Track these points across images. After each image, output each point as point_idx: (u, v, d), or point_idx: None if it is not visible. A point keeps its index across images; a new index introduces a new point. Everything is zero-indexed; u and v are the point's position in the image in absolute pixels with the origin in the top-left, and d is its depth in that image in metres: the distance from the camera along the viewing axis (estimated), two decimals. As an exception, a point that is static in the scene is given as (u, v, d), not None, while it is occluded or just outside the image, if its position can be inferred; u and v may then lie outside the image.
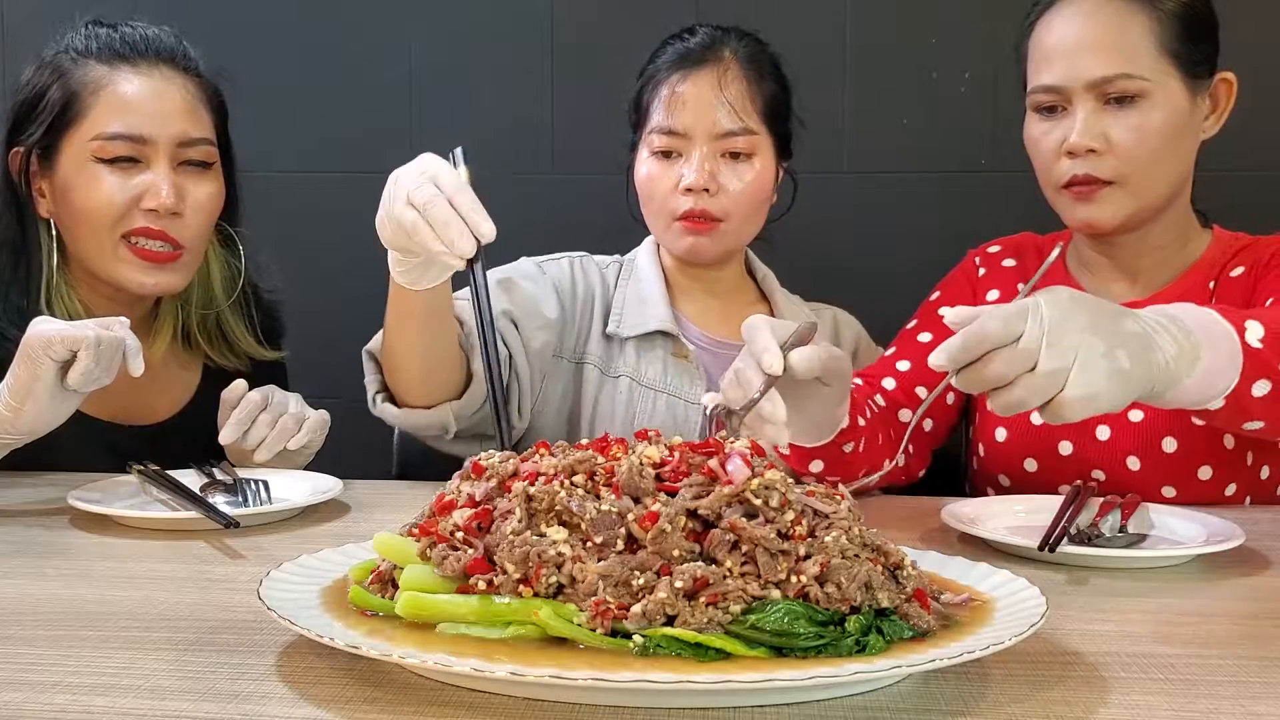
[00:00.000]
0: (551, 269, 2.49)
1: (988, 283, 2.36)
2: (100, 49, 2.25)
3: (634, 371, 2.42)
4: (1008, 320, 1.43)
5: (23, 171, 2.25)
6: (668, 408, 2.39)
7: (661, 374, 2.41)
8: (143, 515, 1.82)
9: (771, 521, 1.18)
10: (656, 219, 2.43)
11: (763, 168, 2.38)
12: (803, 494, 1.24)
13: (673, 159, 2.38)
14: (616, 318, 2.46)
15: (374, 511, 1.97)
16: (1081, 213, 2.13)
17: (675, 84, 2.36)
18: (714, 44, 2.39)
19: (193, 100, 2.27)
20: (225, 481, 2.01)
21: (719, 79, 2.35)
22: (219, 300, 2.40)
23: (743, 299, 2.55)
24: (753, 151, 2.37)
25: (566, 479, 1.24)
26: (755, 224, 2.45)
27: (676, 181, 2.36)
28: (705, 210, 2.35)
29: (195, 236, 2.27)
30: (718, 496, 1.19)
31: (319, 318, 2.82)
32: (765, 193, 2.41)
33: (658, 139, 2.38)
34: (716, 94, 2.34)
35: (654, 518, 1.17)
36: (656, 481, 1.23)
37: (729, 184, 2.36)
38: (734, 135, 2.35)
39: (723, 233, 2.39)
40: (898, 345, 2.31)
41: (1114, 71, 2.07)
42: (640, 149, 2.43)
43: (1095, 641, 1.30)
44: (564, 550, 1.16)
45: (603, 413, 2.42)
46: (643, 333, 2.43)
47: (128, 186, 2.19)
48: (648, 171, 2.40)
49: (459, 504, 1.27)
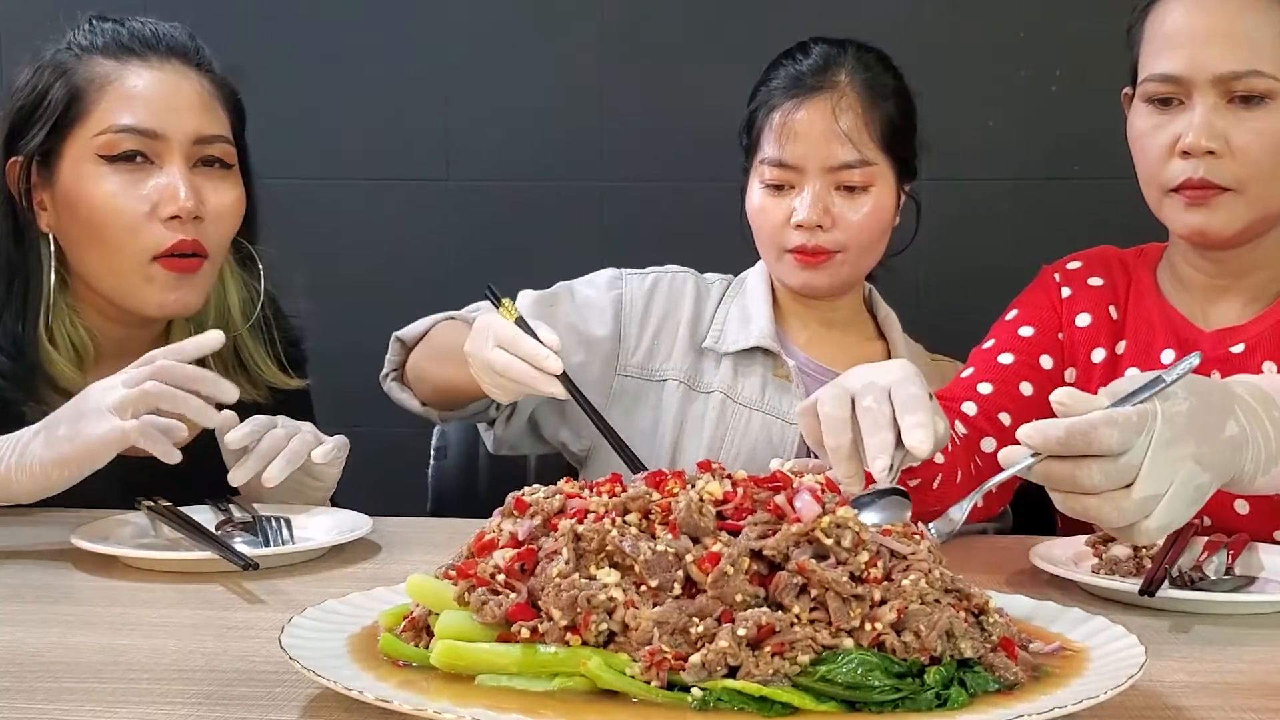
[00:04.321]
0: (632, 283, 2.56)
1: (1075, 305, 2.33)
2: (107, 44, 2.25)
3: (729, 388, 2.47)
4: (1124, 433, 1.41)
5: (22, 183, 2.24)
6: (762, 426, 2.44)
7: (759, 392, 2.47)
8: (153, 556, 1.83)
9: (844, 563, 1.18)
10: (768, 250, 2.48)
11: (881, 197, 2.42)
12: (878, 533, 1.24)
13: (784, 191, 2.41)
14: (717, 332, 2.52)
15: (406, 551, 1.97)
16: (1192, 219, 2.10)
17: (787, 112, 2.40)
18: (828, 66, 2.42)
19: (208, 97, 2.27)
20: (243, 519, 2.01)
21: (833, 107, 2.38)
22: (236, 324, 2.38)
23: (858, 334, 2.58)
24: (870, 183, 2.40)
25: (618, 516, 1.24)
26: (874, 254, 2.49)
27: (788, 215, 2.40)
28: (819, 246, 2.39)
29: (217, 247, 2.27)
30: (785, 536, 1.19)
31: (339, 340, 2.83)
32: (884, 223, 2.45)
33: (768, 171, 2.42)
34: (830, 124, 2.37)
35: (715, 559, 1.17)
36: (718, 519, 1.24)
37: (845, 216, 2.39)
38: (849, 168, 2.38)
39: (838, 264, 2.43)
40: (976, 366, 2.29)
41: (1244, 67, 2.03)
42: (751, 177, 2.47)
43: (1199, 695, 1.29)
44: (615, 594, 1.17)
45: (689, 429, 2.47)
46: (742, 348, 2.48)
47: (139, 193, 2.18)
48: (759, 203, 2.44)
49: (500, 543, 1.27)
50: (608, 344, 2.49)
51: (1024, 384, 2.23)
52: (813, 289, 2.45)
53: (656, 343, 2.53)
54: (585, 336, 2.46)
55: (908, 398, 1.61)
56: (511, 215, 3.20)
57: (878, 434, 1.58)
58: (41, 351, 2.22)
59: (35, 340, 2.20)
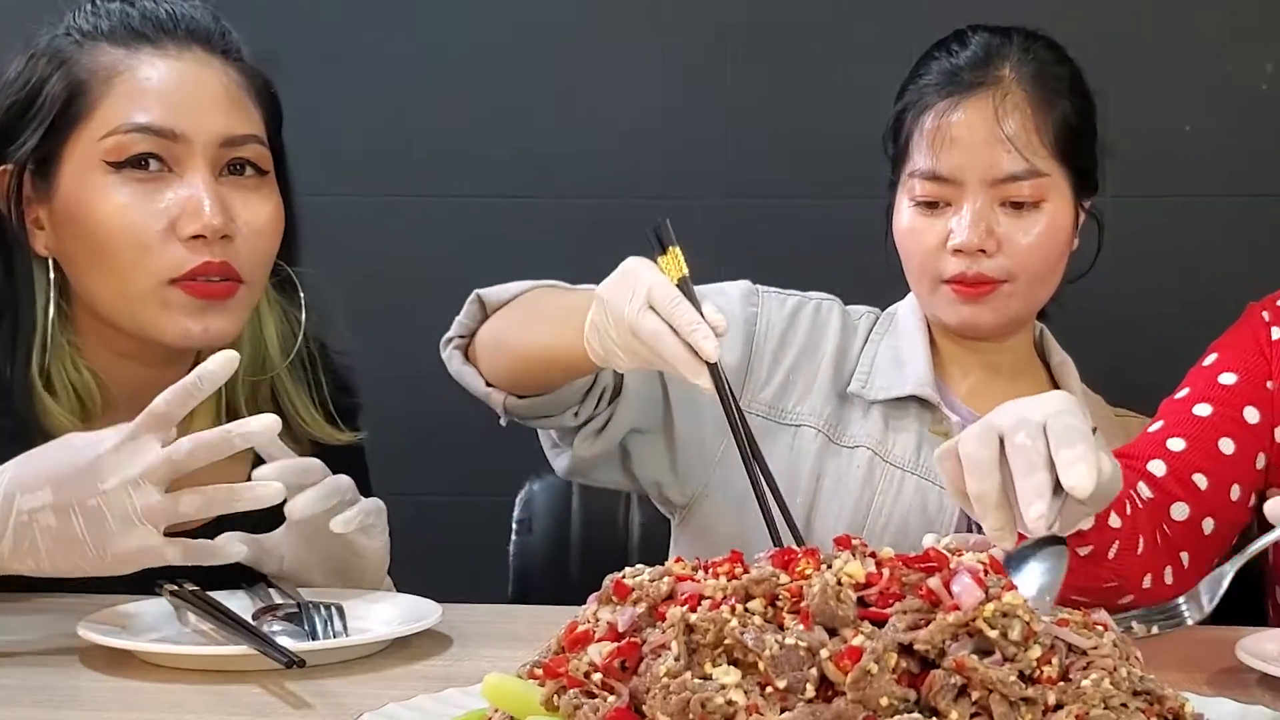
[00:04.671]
0: (770, 303, 2.57)
1: None
2: (114, 28, 2.25)
3: (877, 443, 2.48)
4: None
5: (12, 195, 2.25)
6: (916, 492, 2.45)
7: (913, 450, 2.47)
8: (177, 651, 1.86)
9: (1011, 660, 1.20)
10: (920, 281, 2.49)
11: (1056, 215, 2.43)
12: (1052, 623, 1.26)
13: (939, 209, 2.43)
14: (863, 376, 2.53)
15: (482, 645, 1.99)
16: None
17: (940, 114, 2.42)
18: (989, 59, 2.44)
19: (237, 91, 2.28)
20: (286, 606, 2.03)
21: (995, 108, 2.40)
22: (274, 363, 2.38)
23: (1029, 383, 2.57)
24: (1041, 197, 2.41)
25: (739, 603, 1.26)
26: (1049, 284, 2.50)
27: (944, 238, 2.41)
28: (981, 274, 2.40)
29: (254, 268, 2.27)
30: (940, 627, 1.21)
31: (398, 387, 2.86)
32: (1060, 246, 2.46)
33: (919, 185, 2.43)
34: (992, 128, 2.39)
35: (855, 655, 1.19)
36: (859, 607, 1.25)
37: (1012, 238, 2.40)
38: (1016, 180, 2.40)
39: (1005, 297, 2.44)
40: (1166, 419, 2.30)
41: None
42: (899, 191, 2.49)
43: None
44: (736, 698, 1.18)
45: (827, 490, 2.48)
46: (894, 397, 2.49)
47: (155, 207, 2.18)
48: (909, 224, 2.46)
49: (596, 636, 1.30)
50: (734, 373, 2.47)
51: (1224, 440, 2.24)
52: (974, 327, 2.46)
53: (792, 379, 2.53)
54: None
55: (1063, 430, 1.64)
56: (610, 236, 3.21)
57: (1032, 475, 1.62)
58: (35, 401, 2.21)
59: (27, 387, 2.21)
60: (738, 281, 2.59)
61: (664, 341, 1.94)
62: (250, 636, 1.87)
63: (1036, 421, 1.66)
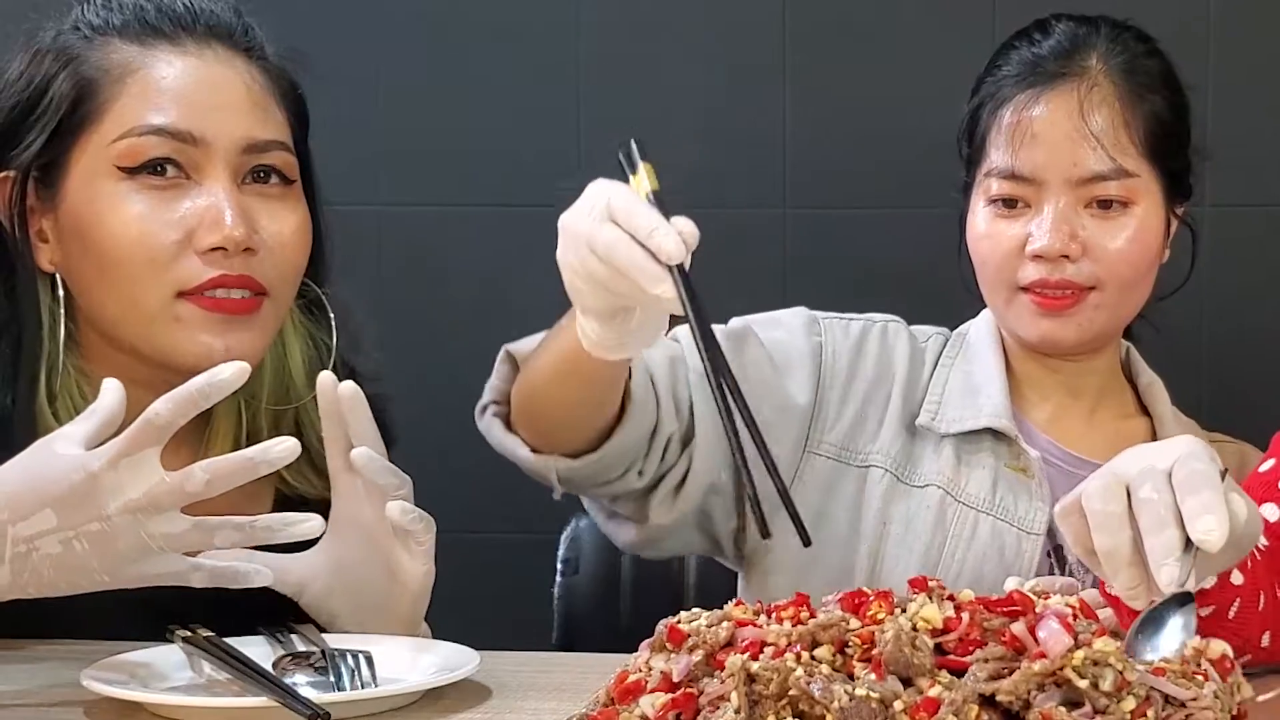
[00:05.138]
0: (834, 331, 2.54)
1: None
2: (127, 23, 2.24)
3: (949, 481, 2.46)
4: None
5: (14, 205, 2.23)
6: (992, 535, 2.43)
7: (988, 488, 2.45)
8: (191, 703, 1.86)
9: (1103, 712, 1.20)
10: (995, 291, 2.48)
11: (1146, 219, 2.42)
12: (1148, 671, 1.26)
13: (1018, 211, 2.42)
14: (933, 407, 2.51)
15: (524, 697, 1.98)
16: None
17: (1020, 108, 2.42)
18: (1074, 48, 2.44)
19: (260, 92, 2.27)
20: (310, 653, 2.02)
21: (1081, 101, 2.39)
22: (300, 393, 2.35)
23: (1115, 408, 2.58)
24: (1131, 199, 2.41)
25: (805, 650, 1.26)
26: (1137, 297, 2.49)
27: (1023, 242, 2.40)
28: (1065, 280, 2.39)
29: (280, 284, 2.24)
30: (1025, 676, 1.21)
31: (434, 417, 2.86)
32: (1151, 253, 2.45)
33: (996, 184, 2.43)
34: (1077, 123, 2.38)
35: (933, 707, 1.20)
36: (936, 654, 1.26)
37: (1098, 242, 2.39)
38: (1104, 180, 2.39)
39: (1091, 308, 2.42)
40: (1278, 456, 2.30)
41: None
42: (974, 194, 2.49)
43: None
44: None
45: (895, 534, 2.46)
46: (967, 430, 2.47)
47: (170, 217, 2.16)
48: (985, 228, 2.45)
49: (649, 686, 1.31)
50: (803, 415, 2.47)
51: None
52: (1056, 344, 2.45)
53: (863, 414, 2.51)
54: (779, 399, 2.44)
55: (1188, 475, 1.62)
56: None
57: (1161, 532, 1.60)
58: (41, 429, 2.14)
59: (30, 415, 2.19)
60: (794, 309, 2.58)
61: (619, 250, 1.81)
62: (270, 687, 1.86)
63: (1162, 470, 1.65)
